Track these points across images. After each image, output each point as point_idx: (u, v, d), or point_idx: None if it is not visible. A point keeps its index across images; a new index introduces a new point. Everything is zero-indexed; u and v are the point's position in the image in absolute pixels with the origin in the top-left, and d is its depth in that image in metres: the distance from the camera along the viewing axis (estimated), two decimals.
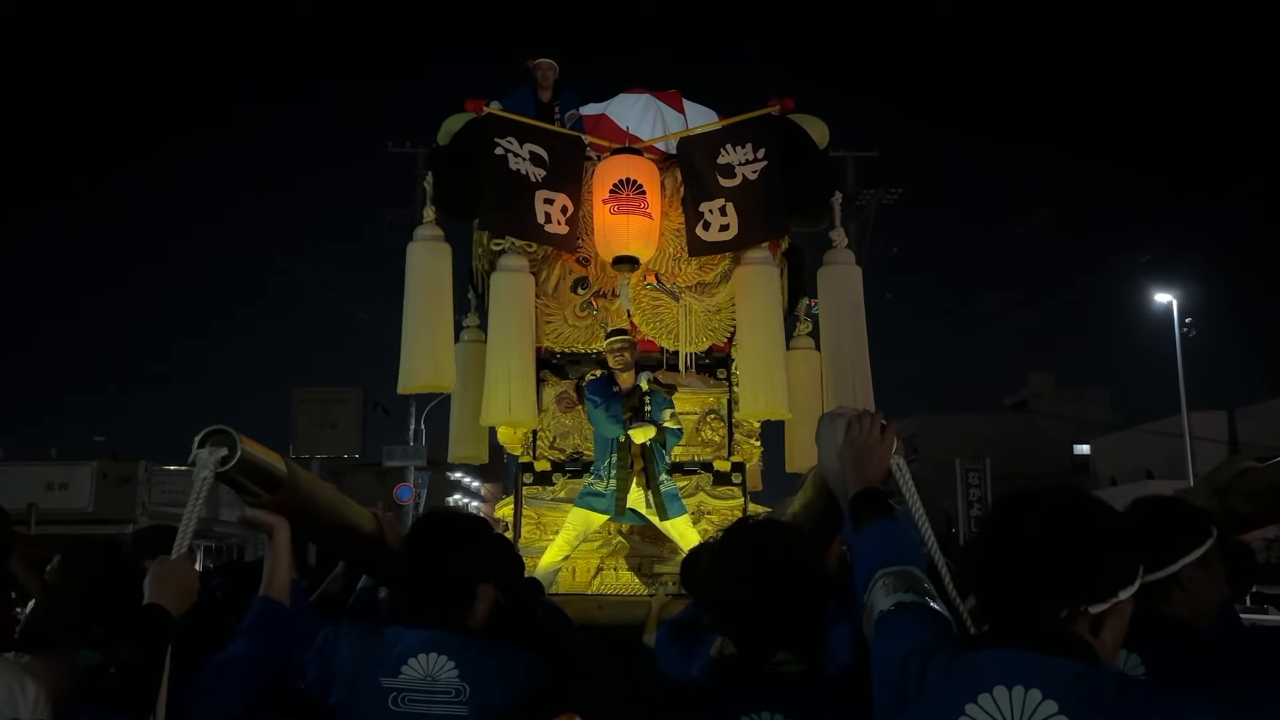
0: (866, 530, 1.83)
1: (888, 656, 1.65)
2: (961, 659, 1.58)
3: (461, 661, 2.19)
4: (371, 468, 27.92)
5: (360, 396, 22.04)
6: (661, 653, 3.04)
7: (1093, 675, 1.49)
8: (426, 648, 2.21)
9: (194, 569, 2.14)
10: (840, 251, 6.07)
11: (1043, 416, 40.83)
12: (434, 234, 5.87)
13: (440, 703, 2.16)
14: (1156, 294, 25.40)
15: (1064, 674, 1.49)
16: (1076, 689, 1.47)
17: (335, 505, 2.62)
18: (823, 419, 2.01)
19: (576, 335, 6.06)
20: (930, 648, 1.62)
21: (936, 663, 1.59)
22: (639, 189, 5.58)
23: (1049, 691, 1.48)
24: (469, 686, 2.17)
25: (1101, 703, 1.46)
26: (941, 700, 1.55)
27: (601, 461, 5.69)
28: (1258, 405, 29.89)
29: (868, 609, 1.75)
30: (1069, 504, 1.61)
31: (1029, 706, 1.48)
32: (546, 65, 6.78)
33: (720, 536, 2.16)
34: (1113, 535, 1.58)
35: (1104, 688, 1.47)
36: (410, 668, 2.19)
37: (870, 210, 21.24)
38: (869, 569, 1.79)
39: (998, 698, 1.50)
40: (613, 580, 5.89)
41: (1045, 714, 1.46)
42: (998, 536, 1.64)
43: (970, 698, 1.52)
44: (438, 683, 2.18)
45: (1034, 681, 1.49)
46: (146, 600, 2.04)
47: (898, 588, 1.73)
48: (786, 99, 5.88)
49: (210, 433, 2.10)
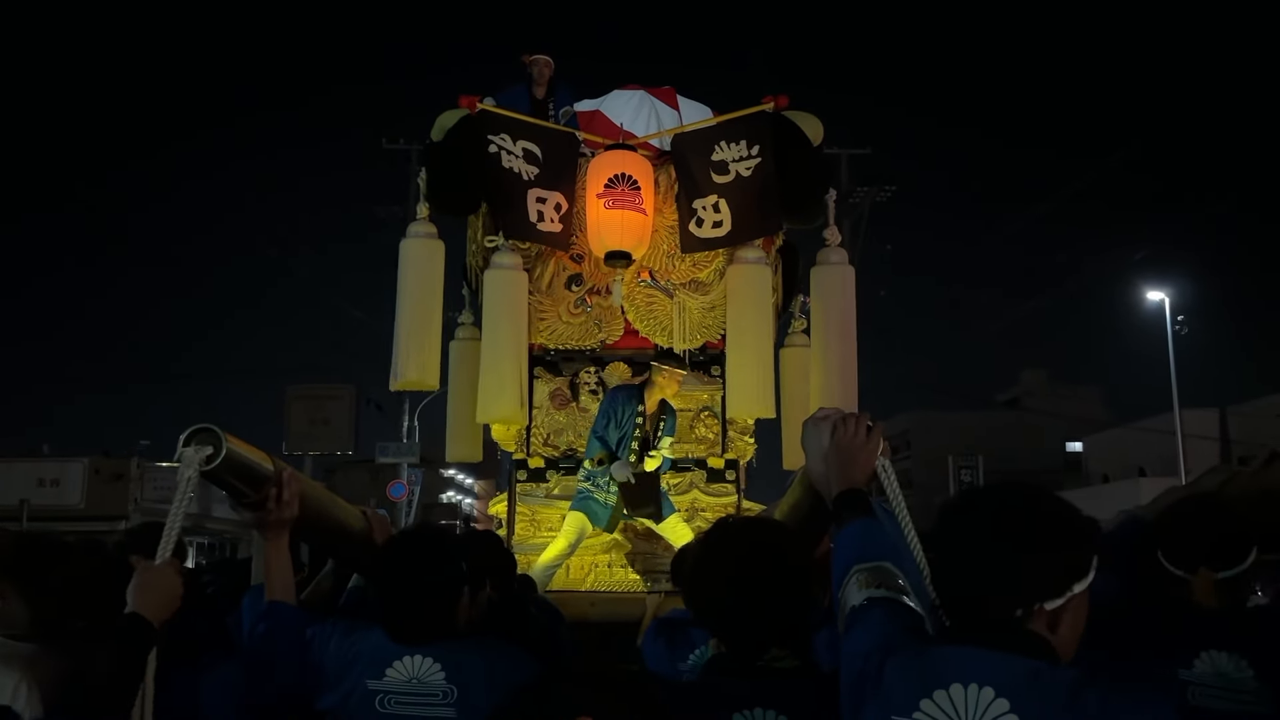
0: (845, 528, 1.83)
1: (852, 653, 1.65)
2: (920, 655, 1.58)
3: (449, 664, 2.18)
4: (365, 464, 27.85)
5: (353, 393, 21.98)
6: (648, 650, 3.03)
7: (1048, 674, 1.49)
8: (412, 650, 2.19)
9: (177, 575, 2.10)
10: (833, 250, 6.07)
11: (1035, 414, 40.92)
12: (427, 231, 5.85)
13: (428, 705, 2.14)
14: (1149, 291, 25.49)
15: (1019, 672, 1.49)
16: (1030, 687, 1.47)
17: (325, 504, 2.61)
18: (807, 423, 2.01)
19: (570, 332, 6.05)
20: (892, 644, 1.61)
21: (896, 658, 1.58)
22: (634, 184, 5.57)
23: (1001, 690, 1.48)
24: (456, 689, 2.15)
25: (1055, 702, 1.46)
26: (896, 696, 1.55)
27: (605, 472, 5.68)
28: (1249, 403, 29.97)
29: (841, 605, 1.75)
30: (1021, 501, 1.61)
31: (981, 704, 1.48)
32: (543, 62, 6.77)
33: (702, 539, 2.14)
34: (1064, 530, 1.58)
35: (1058, 687, 1.47)
36: (396, 670, 2.17)
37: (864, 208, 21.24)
38: (844, 565, 1.79)
39: (953, 694, 1.50)
40: (606, 577, 5.89)
41: (997, 712, 1.47)
42: (953, 535, 1.63)
43: (925, 694, 1.52)
44: (425, 685, 2.16)
45: (988, 679, 1.49)
46: (128, 609, 2.00)
47: (870, 583, 1.72)
48: (781, 95, 5.87)
49: (195, 431, 2.06)
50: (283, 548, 2.36)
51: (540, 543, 5.89)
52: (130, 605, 2.01)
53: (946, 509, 1.69)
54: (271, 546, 2.34)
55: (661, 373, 5.75)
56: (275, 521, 2.30)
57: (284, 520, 2.31)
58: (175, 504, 2.08)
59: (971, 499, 1.67)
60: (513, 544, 5.74)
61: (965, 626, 1.59)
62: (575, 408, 6.20)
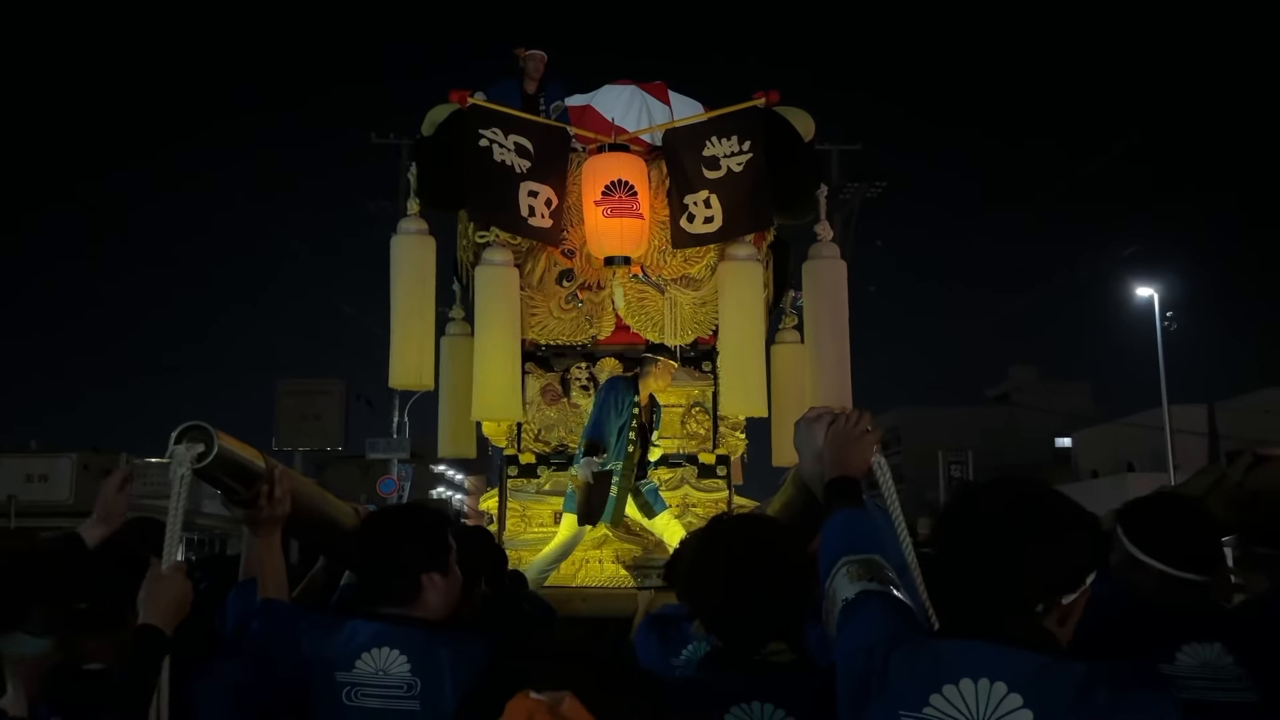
0: (834, 517, 1.83)
1: (852, 646, 1.63)
2: (926, 649, 1.58)
3: (412, 655, 2.17)
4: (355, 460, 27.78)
5: (343, 389, 21.94)
6: (640, 646, 3.03)
7: (1058, 669, 1.49)
8: (378, 641, 2.19)
9: (186, 580, 2.10)
10: (825, 245, 6.07)
11: (1025, 409, 41.00)
12: (418, 226, 5.82)
13: (391, 697, 2.14)
14: (1138, 288, 25.54)
15: (1030, 667, 1.48)
16: (1042, 683, 1.47)
17: (316, 501, 2.60)
18: (799, 423, 2.00)
19: (561, 327, 6.04)
20: (895, 637, 1.60)
21: (900, 652, 1.58)
22: (631, 191, 5.59)
23: (1014, 685, 1.47)
24: (420, 681, 2.15)
25: (1066, 697, 1.45)
26: (905, 690, 1.54)
27: (609, 464, 5.65)
28: (1237, 398, 30.08)
29: (830, 596, 1.74)
30: (1034, 495, 1.60)
31: (994, 699, 1.47)
32: (538, 57, 6.76)
33: (697, 536, 2.14)
34: (1076, 523, 1.58)
35: (1069, 681, 1.47)
36: (364, 662, 2.17)
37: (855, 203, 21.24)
38: (832, 555, 1.78)
39: (963, 689, 1.49)
40: (597, 573, 5.88)
41: (1010, 707, 1.46)
42: (964, 530, 1.62)
43: (935, 688, 1.51)
44: (389, 677, 2.15)
45: (999, 674, 1.48)
46: (141, 620, 2.01)
47: (861, 575, 1.71)
48: (772, 91, 5.87)
49: (187, 429, 2.04)
50: (275, 545, 2.35)
51: (531, 538, 5.89)
52: (142, 616, 2.02)
53: (953, 505, 1.68)
54: (264, 544, 2.33)
55: (656, 364, 5.75)
56: (267, 519, 2.29)
57: (276, 518, 2.30)
58: (173, 504, 2.06)
59: (978, 494, 1.66)
60: (503, 540, 5.74)
61: (973, 621, 1.57)
62: (566, 403, 6.19)
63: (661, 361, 5.76)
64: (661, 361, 5.76)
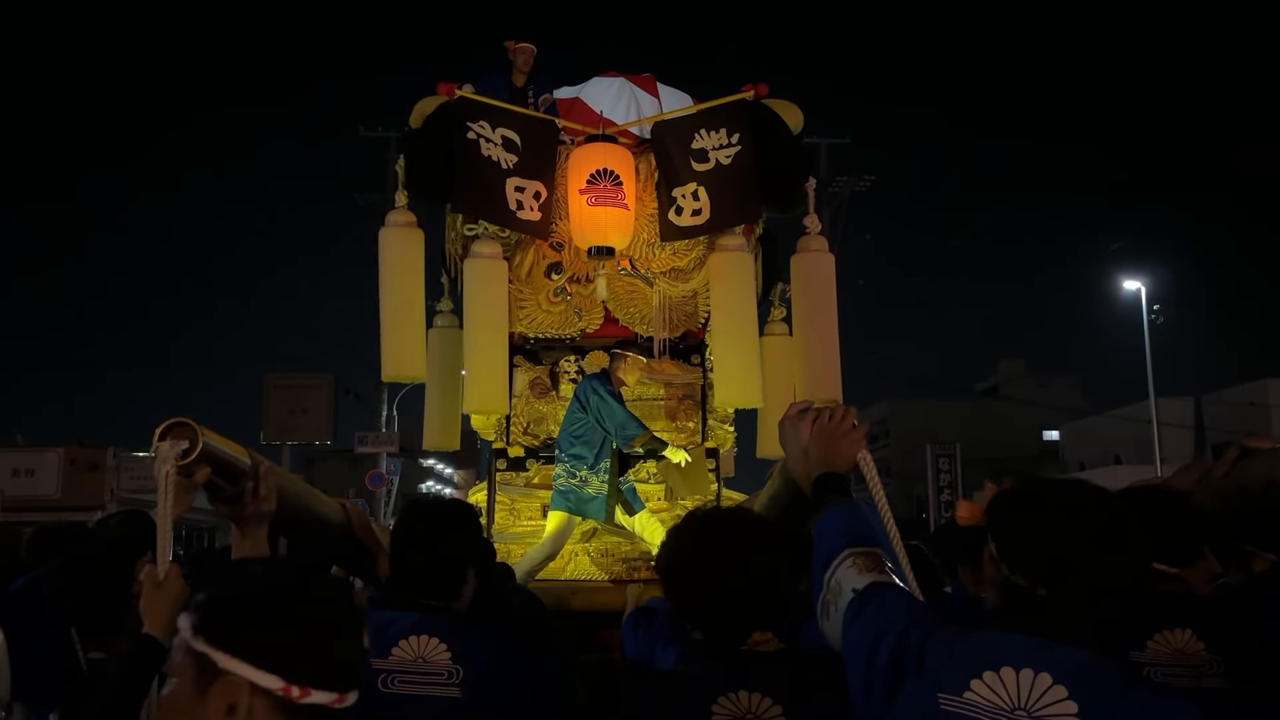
0: (829, 510, 1.83)
1: (875, 631, 1.63)
2: (965, 638, 1.58)
3: (454, 644, 2.19)
4: (343, 454, 27.71)
5: (331, 383, 21.81)
6: (628, 639, 3.03)
7: (1099, 666, 1.49)
8: (417, 630, 2.20)
9: (183, 582, 2.07)
10: (813, 238, 6.06)
11: (1013, 403, 41.14)
12: (406, 220, 5.80)
13: (432, 684, 2.16)
14: (1125, 281, 25.68)
15: (1072, 661, 1.48)
16: (1085, 677, 1.47)
17: (303, 497, 2.59)
18: (784, 422, 2.00)
19: (550, 321, 6.03)
20: (928, 624, 1.60)
21: (937, 639, 1.58)
22: (616, 180, 5.55)
23: (1059, 677, 1.47)
24: (462, 669, 2.17)
25: (1110, 694, 1.45)
26: (943, 675, 1.54)
27: (598, 462, 5.62)
28: (1223, 391, 30.25)
29: (831, 588, 1.74)
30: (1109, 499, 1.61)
31: (1037, 689, 1.47)
32: (527, 50, 6.73)
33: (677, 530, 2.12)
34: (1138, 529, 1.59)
35: (1112, 680, 1.47)
36: (401, 649, 2.18)
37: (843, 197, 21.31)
38: (831, 547, 1.78)
39: (1004, 677, 1.49)
40: (586, 566, 5.88)
41: (1054, 699, 1.46)
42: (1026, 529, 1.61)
43: (975, 674, 1.51)
44: (429, 664, 2.17)
45: (1043, 665, 1.48)
46: (144, 629, 2.01)
47: (870, 567, 1.72)
48: (761, 84, 5.86)
49: (171, 425, 2.02)
50: (261, 541, 2.34)
51: (519, 532, 5.88)
52: (145, 625, 2.02)
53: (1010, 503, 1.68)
54: (249, 541, 2.32)
55: (625, 359, 5.74)
56: (253, 516, 2.28)
57: (262, 514, 2.29)
58: (161, 504, 2.03)
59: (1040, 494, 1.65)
60: (492, 533, 5.73)
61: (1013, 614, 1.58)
62: (555, 396, 6.18)
63: (630, 356, 5.75)
64: (630, 356, 5.75)
